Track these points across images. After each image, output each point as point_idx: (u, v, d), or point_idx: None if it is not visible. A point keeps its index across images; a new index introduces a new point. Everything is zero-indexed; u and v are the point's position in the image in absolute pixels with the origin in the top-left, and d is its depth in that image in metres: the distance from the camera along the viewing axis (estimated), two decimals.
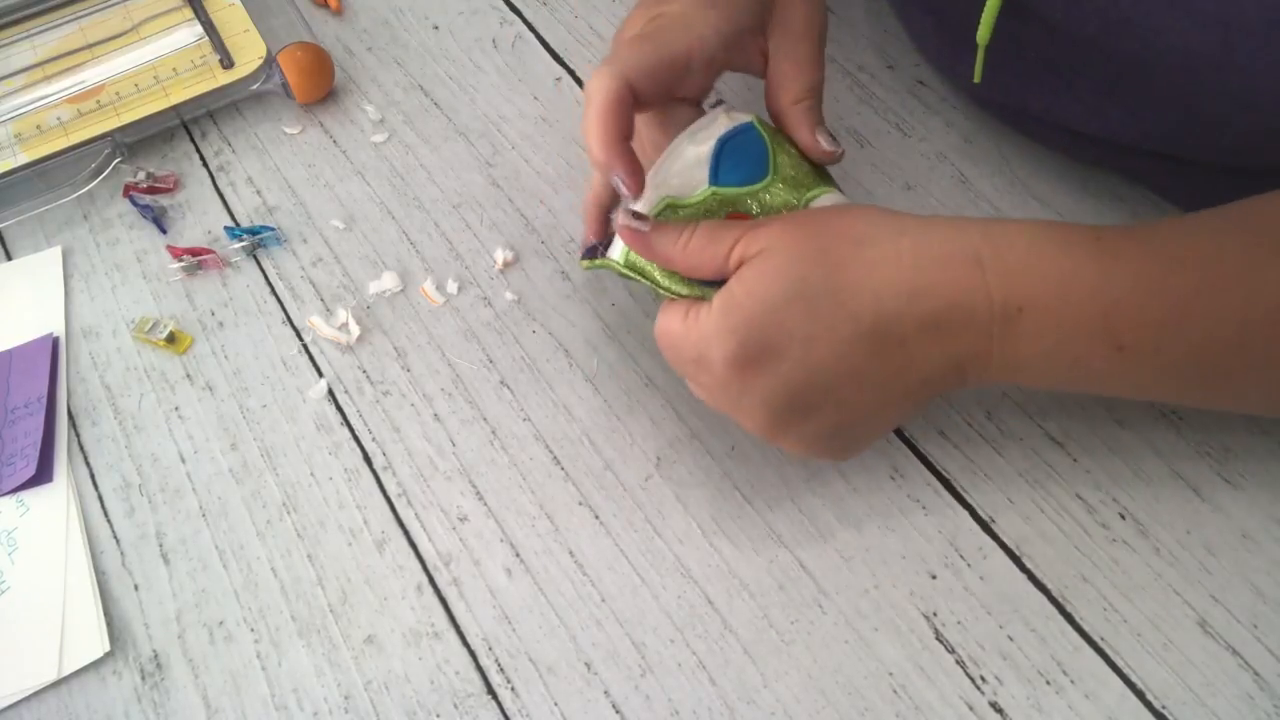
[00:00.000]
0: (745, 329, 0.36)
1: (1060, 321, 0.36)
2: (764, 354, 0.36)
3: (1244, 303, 0.36)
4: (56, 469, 0.47)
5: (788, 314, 0.36)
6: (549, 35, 0.62)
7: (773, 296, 0.36)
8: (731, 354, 0.36)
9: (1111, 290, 0.36)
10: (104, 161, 0.55)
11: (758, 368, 0.36)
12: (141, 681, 0.41)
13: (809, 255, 0.36)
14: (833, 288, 0.36)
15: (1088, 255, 0.36)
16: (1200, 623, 0.40)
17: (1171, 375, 0.38)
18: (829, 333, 0.36)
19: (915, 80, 0.57)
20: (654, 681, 0.40)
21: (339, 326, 0.50)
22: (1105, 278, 0.36)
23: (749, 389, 0.37)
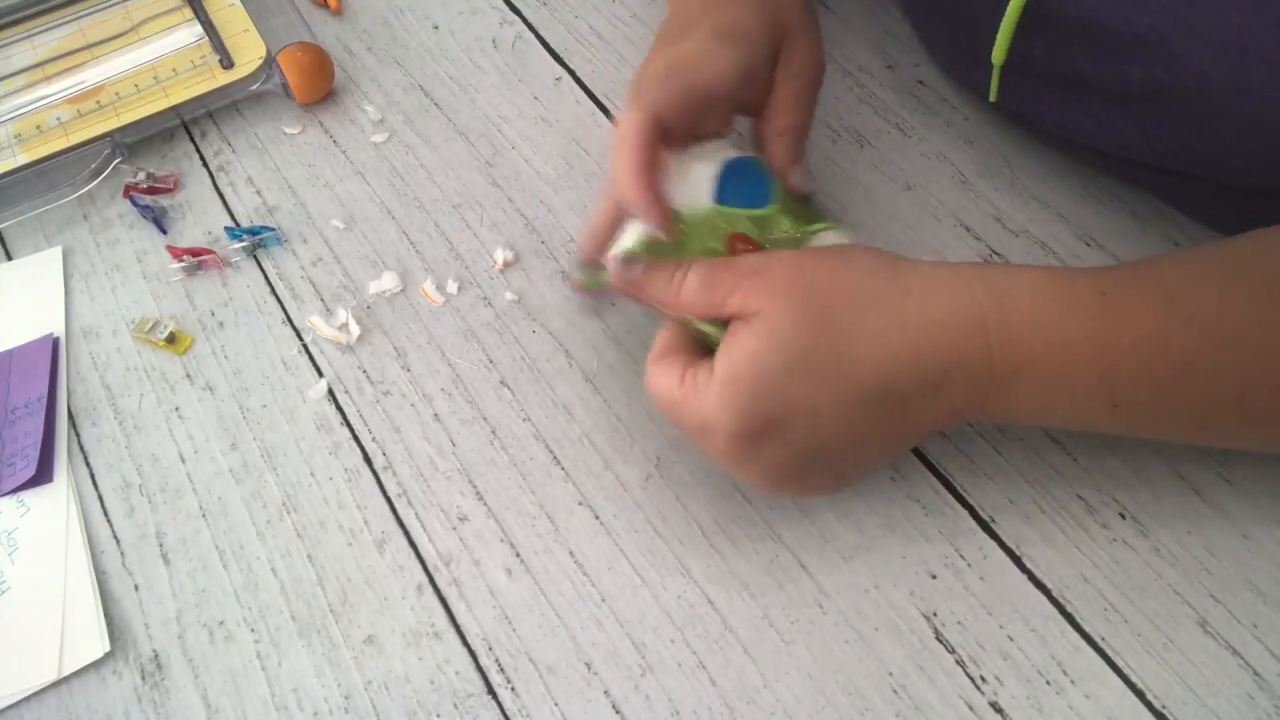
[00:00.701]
0: (750, 401, 0.35)
1: (1057, 382, 0.37)
2: (769, 426, 0.36)
3: (1247, 360, 0.35)
4: (56, 469, 0.47)
5: (792, 384, 0.35)
6: (549, 35, 0.62)
7: (777, 367, 0.35)
8: (738, 428, 0.35)
9: (1111, 354, 0.36)
10: (104, 162, 0.55)
11: (764, 439, 0.36)
12: (141, 681, 0.41)
13: (812, 323, 0.36)
14: (836, 355, 0.36)
15: (1090, 316, 0.36)
16: (1200, 623, 0.40)
17: (1167, 426, 0.39)
18: (834, 401, 0.36)
19: (915, 80, 0.57)
20: (654, 681, 0.40)
21: (339, 326, 0.50)
22: (1106, 342, 0.36)
23: (755, 455, 0.37)
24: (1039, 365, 0.36)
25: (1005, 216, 0.51)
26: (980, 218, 0.52)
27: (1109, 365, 0.36)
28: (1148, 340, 0.36)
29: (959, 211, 0.52)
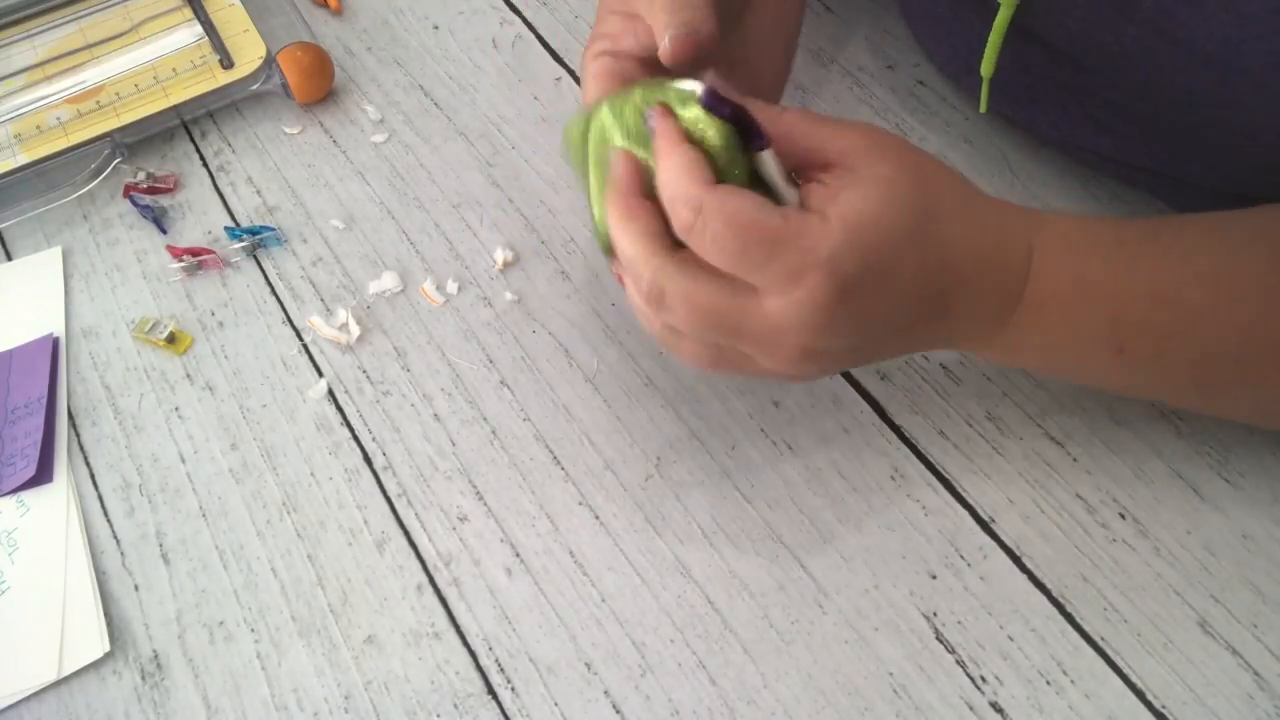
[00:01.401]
0: (872, 254, 0.32)
1: (1070, 320, 0.37)
2: (868, 286, 0.33)
3: (1250, 322, 0.36)
4: (56, 469, 0.47)
5: (903, 251, 0.33)
6: (549, 35, 0.62)
7: (899, 230, 0.33)
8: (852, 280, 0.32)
9: (1122, 297, 0.37)
10: (104, 162, 0.55)
11: (857, 298, 0.33)
12: (141, 681, 0.41)
13: (928, 196, 0.34)
14: (937, 238, 0.34)
15: (1108, 261, 0.37)
16: (1200, 623, 0.40)
17: (1169, 380, 0.39)
18: (913, 293, 0.35)
19: (915, 80, 0.57)
20: (654, 681, 0.40)
21: (339, 326, 0.50)
22: (1118, 285, 0.36)
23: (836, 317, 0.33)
24: (1060, 301, 0.37)
25: None
26: None
27: (1119, 310, 0.37)
28: (1157, 293, 0.36)
29: None
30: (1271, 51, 0.35)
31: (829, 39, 0.59)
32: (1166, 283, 0.36)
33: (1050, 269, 0.36)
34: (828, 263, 0.32)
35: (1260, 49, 0.35)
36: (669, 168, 0.33)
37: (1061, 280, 0.37)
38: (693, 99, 0.34)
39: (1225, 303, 0.36)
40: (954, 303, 0.36)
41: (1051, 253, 0.37)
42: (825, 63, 0.58)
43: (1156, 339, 0.37)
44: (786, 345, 0.34)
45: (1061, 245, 0.37)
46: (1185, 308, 0.36)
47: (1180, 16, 0.37)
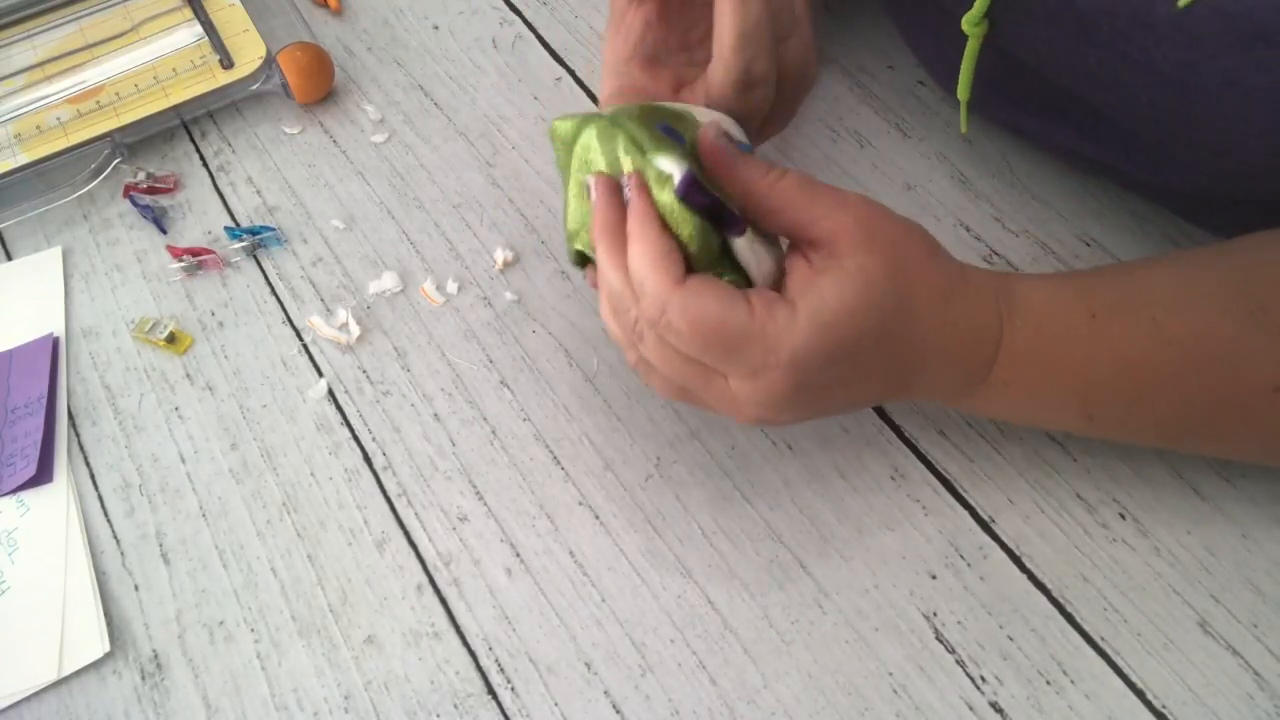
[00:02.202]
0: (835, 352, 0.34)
1: (1039, 394, 0.38)
2: (829, 378, 0.35)
3: (1219, 386, 0.37)
4: (56, 469, 0.47)
5: (864, 351, 0.35)
6: (549, 35, 0.62)
7: (868, 328, 0.34)
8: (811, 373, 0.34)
9: (1091, 372, 0.37)
10: (104, 162, 0.55)
11: (816, 390, 0.35)
12: (141, 681, 0.41)
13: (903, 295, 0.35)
14: (904, 338, 0.36)
15: (1079, 339, 0.37)
16: (1200, 623, 0.40)
17: (1136, 436, 0.41)
18: (875, 377, 0.36)
19: (915, 80, 0.57)
20: (654, 681, 0.40)
21: (339, 326, 0.50)
22: (1088, 361, 0.37)
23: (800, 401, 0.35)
24: (1026, 380, 0.38)
25: (1005, 216, 0.51)
26: (980, 218, 0.52)
27: (1088, 382, 0.38)
28: (1125, 362, 0.37)
29: (959, 211, 0.52)
30: (1225, 70, 0.35)
31: (829, 39, 0.59)
32: (1136, 352, 0.37)
33: (1018, 353, 0.37)
34: (789, 363, 0.33)
35: (1215, 69, 0.36)
36: (639, 255, 0.34)
37: (1029, 364, 0.37)
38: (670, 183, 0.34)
39: (1193, 367, 0.37)
40: (915, 383, 0.38)
41: (1022, 338, 0.37)
42: (825, 63, 0.58)
43: (1123, 405, 0.38)
44: (744, 412, 0.36)
45: (1032, 330, 0.37)
46: (1153, 375, 0.37)
47: (1136, 40, 0.37)
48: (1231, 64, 0.35)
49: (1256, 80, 0.35)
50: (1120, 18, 0.37)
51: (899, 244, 0.35)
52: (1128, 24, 0.37)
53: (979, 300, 0.37)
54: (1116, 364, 0.37)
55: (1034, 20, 0.41)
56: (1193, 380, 0.37)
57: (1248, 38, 0.34)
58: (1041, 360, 0.37)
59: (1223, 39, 0.35)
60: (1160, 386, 0.37)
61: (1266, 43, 0.34)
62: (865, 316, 0.34)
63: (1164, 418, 0.38)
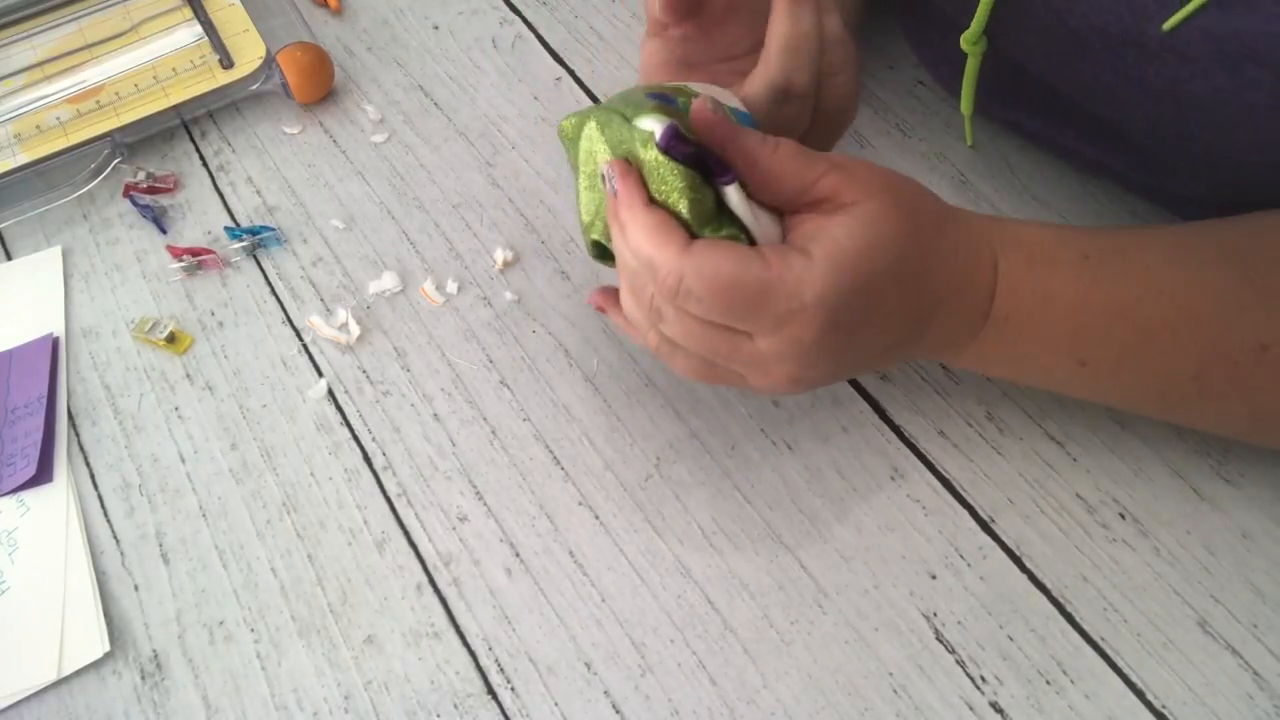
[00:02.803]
0: (852, 294, 0.34)
1: (1033, 333, 0.38)
2: (857, 321, 0.35)
3: (1210, 341, 0.37)
4: (56, 469, 0.47)
5: (886, 287, 0.35)
6: (549, 35, 0.62)
7: (884, 266, 0.34)
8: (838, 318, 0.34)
9: (1083, 312, 0.38)
10: (104, 161, 0.55)
11: (843, 332, 0.35)
12: (141, 681, 0.41)
13: (908, 231, 0.35)
14: (916, 272, 0.36)
15: (1071, 276, 0.38)
16: (1200, 623, 0.40)
17: (1131, 392, 0.40)
18: (898, 317, 0.37)
19: (915, 80, 0.57)
20: (654, 681, 0.40)
21: (339, 326, 0.50)
22: (1080, 300, 0.38)
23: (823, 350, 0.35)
24: (1023, 315, 0.38)
25: (1005, 216, 0.51)
26: None
27: (1080, 324, 0.38)
28: (1117, 307, 0.37)
29: None
30: (1217, 89, 0.36)
31: None
32: (1128, 299, 0.37)
33: (1014, 285, 0.38)
34: (814, 304, 0.33)
35: (1206, 87, 0.36)
36: (637, 234, 0.34)
37: (1024, 295, 0.38)
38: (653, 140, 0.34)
39: (1184, 321, 0.37)
40: (930, 325, 0.38)
41: (1015, 268, 0.38)
42: None
43: (1117, 353, 0.38)
44: (775, 373, 0.36)
45: (1024, 261, 0.38)
46: (1146, 324, 0.37)
47: (1129, 57, 0.38)
48: (1222, 83, 0.35)
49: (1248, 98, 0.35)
50: (1113, 36, 0.37)
51: (894, 188, 0.36)
52: (1120, 42, 0.37)
53: (974, 235, 0.38)
54: (1108, 306, 0.37)
55: (1030, 36, 0.41)
56: (1183, 331, 0.37)
57: (1237, 58, 0.34)
58: (1035, 292, 0.38)
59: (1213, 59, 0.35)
60: (1151, 335, 0.37)
61: (1257, 62, 0.34)
62: (880, 253, 0.34)
63: (1156, 372, 0.38)
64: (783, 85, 0.39)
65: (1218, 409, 0.40)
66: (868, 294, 0.34)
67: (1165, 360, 0.38)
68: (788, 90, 0.39)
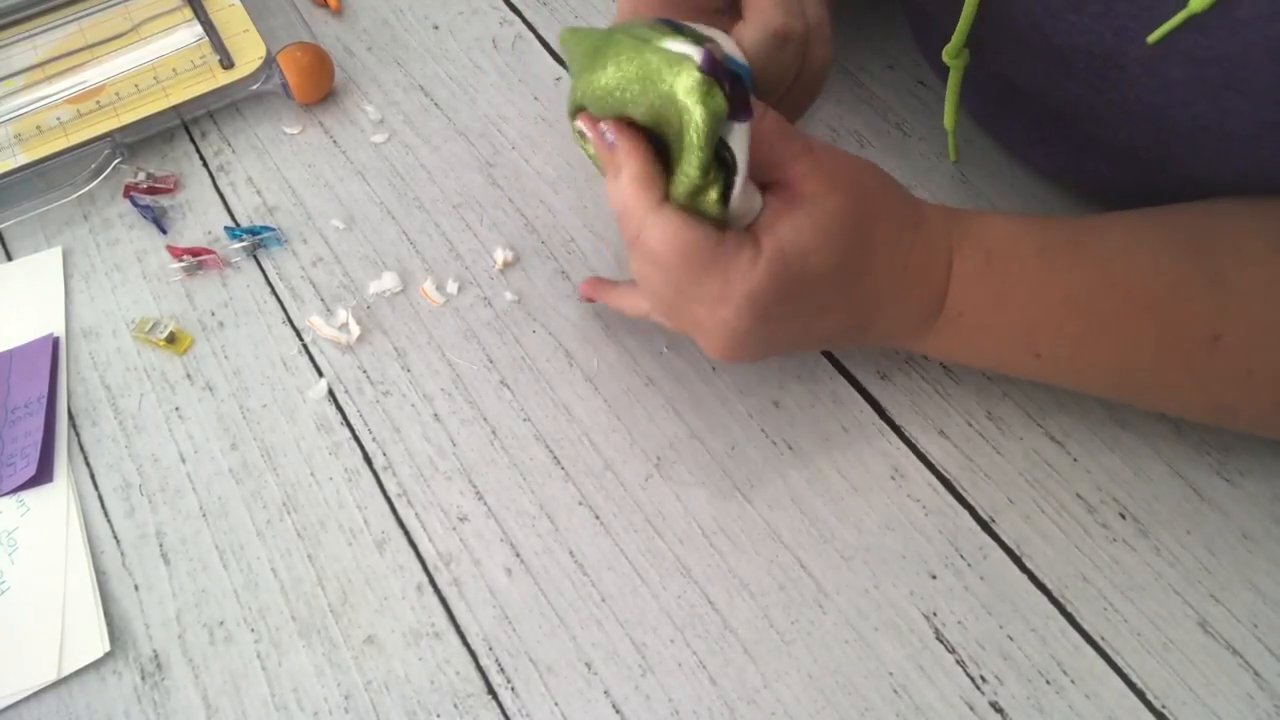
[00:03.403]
0: (787, 288, 0.36)
1: (987, 327, 0.40)
2: (787, 312, 0.37)
3: (1162, 331, 0.37)
4: (57, 469, 0.47)
5: (821, 288, 0.37)
6: (549, 35, 0.62)
7: (826, 267, 0.36)
8: (764, 309, 0.36)
9: (1035, 307, 0.38)
10: (104, 162, 0.55)
11: (774, 322, 0.37)
12: (141, 681, 0.41)
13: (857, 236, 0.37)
14: (858, 271, 0.38)
15: (1026, 271, 0.39)
16: (1200, 622, 0.40)
17: (1088, 382, 0.41)
18: (833, 314, 0.39)
19: (915, 80, 0.57)
20: (654, 681, 0.40)
21: (339, 326, 0.50)
22: (1033, 295, 0.38)
23: (752, 334, 0.37)
24: (977, 311, 0.39)
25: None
26: None
27: (1034, 319, 0.39)
28: (1070, 300, 0.38)
29: None
30: (1195, 117, 0.36)
31: None
32: (1081, 292, 0.38)
33: (967, 285, 0.39)
34: (743, 298, 0.36)
35: (1185, 114, 0.36)
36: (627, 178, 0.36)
37: (978, 293, 0.39)
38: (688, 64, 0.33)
39: (1137, 312, 0.37)
40: (874, 319, 0.40)
41: (971, 266, 0.39)
42: None
43: (1070, 345, 0.39)
44: (711, 342, 0.39)
45: (982, 259, 0.39)
46: (1098, 316, 0.38)
47: (1110, 78, 0.38)
48: (1201, 111, 0.35)
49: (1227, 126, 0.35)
50: (1095, 56, 0.37)
51: (858, 185, 0.37)
52: (1102, 63, 0.37)
53: (931, 235, 0.39)
54: (1063, 301, 0.38)
55: (1014, 52, 0.41)
56: (1135, 323, 0.37)
57: (1216, 86, 0.34)
58: (990, 290, 0.39)
59: (1192, 86, 0.35)
60: (1105, 327, 0.38)
61: (1236, 91, 0.34)
62: (821, 256, 0.36)
63: (1110, 363, 0.39)
64: (781, 30, 0.39)
65: (1175, 397, 0.40)
66: (800, 295, 0.37)
67: (1119, 351, 0.38)
68: (786, 34, 0.39)
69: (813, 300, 0.37)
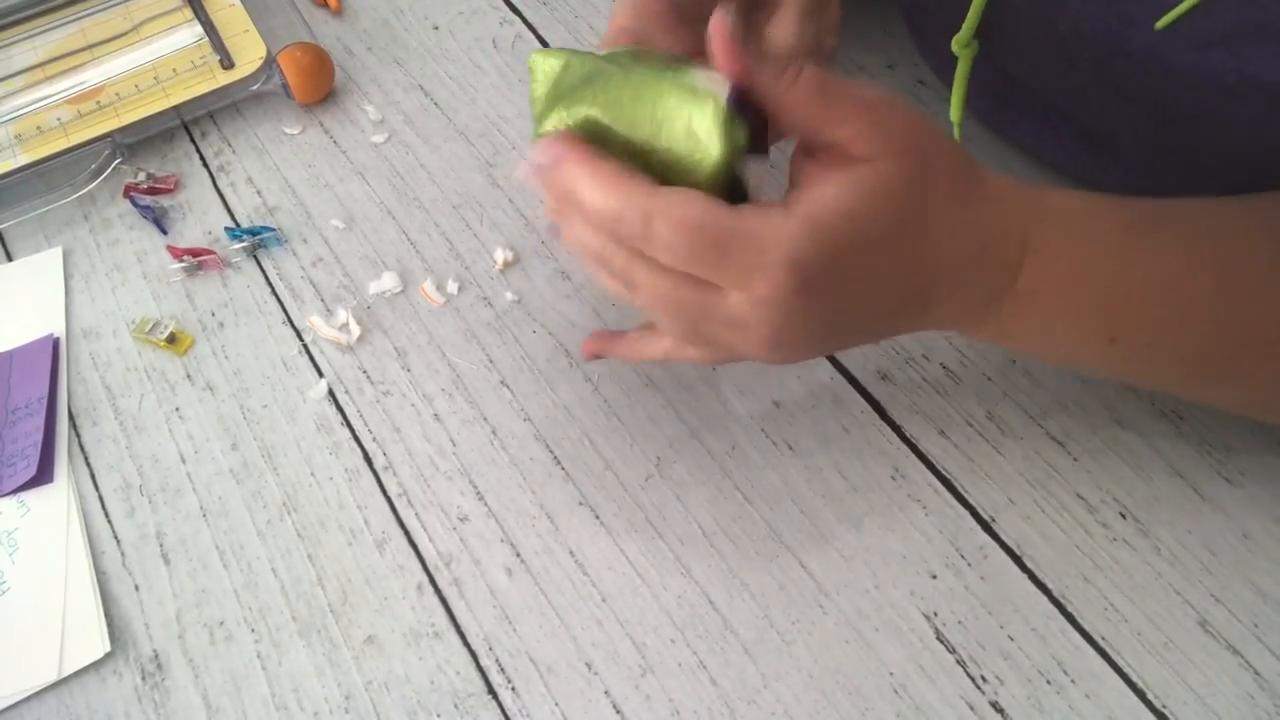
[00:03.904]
0: (831, 254, 0.31)
1: (1063, 309, 0.36)
2: (833, 284, 0.32)
3: (1246, 316, 0.36)
4: (57, 469, 0.47)
5: (872, 256, 0.33)
6: (549, 35, 0.62)
7: (873, 230, 0.32)
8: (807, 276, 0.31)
9: (1117, 289, 0.36)
10: (104, 162, 0.55)
11: (821, 295, 0.32)
12: (141, 681, 0.41)
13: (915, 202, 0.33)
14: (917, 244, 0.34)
15: (1107, 252, 0.36)
16: (1201, 622, 0.40)
17: (1160, 370, 0.38)
18: (890, 289, 0.34)
19: (915, 80, 0.57)
20: (654, 681, 0.40)
21: (339, 326, 0.50)
22: (1115, 276, 0.36)
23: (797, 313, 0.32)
24: (1053, 290, 0.36)
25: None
26: None
27: (1114, 300, 0.36)
28: (1155, 282, 0.35)
29: None
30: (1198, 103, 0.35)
31: None
32: (1165, 274, 0.36)
33: (1045, 259, 0.35)
34: (780, 264, 0.31)
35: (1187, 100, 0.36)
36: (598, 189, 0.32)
37: (1056, 271, 0.36)
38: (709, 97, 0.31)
39: (1223, 297, 0.36)
40: (936, 297, 0.35)
41: (1048, 243, 0.35)
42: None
43: (1150, 330, 0.36)
44: (753, 334, 0.34)
45: (1060, 234, 0.36)
46: (1181, 301, 0.36)
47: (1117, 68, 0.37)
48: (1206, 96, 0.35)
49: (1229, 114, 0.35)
50: (1102, 45, 0.37)
51: (919, 148, 0.33)
52: (1108, 52, 0.37)
53: (1001, 205, 0.35)
54: (1147, 282, 0.35)
55: (1022, 42, 0.41)
56: (1221, 309, 0.35)
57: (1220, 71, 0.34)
58: (1070, 267, 0.35)
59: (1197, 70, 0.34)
60: (1186, 315, 0.36)
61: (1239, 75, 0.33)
62: (868, 221, 0.32)
63: (1189, 350, 0.37)
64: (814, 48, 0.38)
65: (1243, 389, 0.39)
66: (847, 261, 0.32)
67: (1199, 338, 0.36)
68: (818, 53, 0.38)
69: (866, 271, 0.33)
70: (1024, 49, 0.41)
